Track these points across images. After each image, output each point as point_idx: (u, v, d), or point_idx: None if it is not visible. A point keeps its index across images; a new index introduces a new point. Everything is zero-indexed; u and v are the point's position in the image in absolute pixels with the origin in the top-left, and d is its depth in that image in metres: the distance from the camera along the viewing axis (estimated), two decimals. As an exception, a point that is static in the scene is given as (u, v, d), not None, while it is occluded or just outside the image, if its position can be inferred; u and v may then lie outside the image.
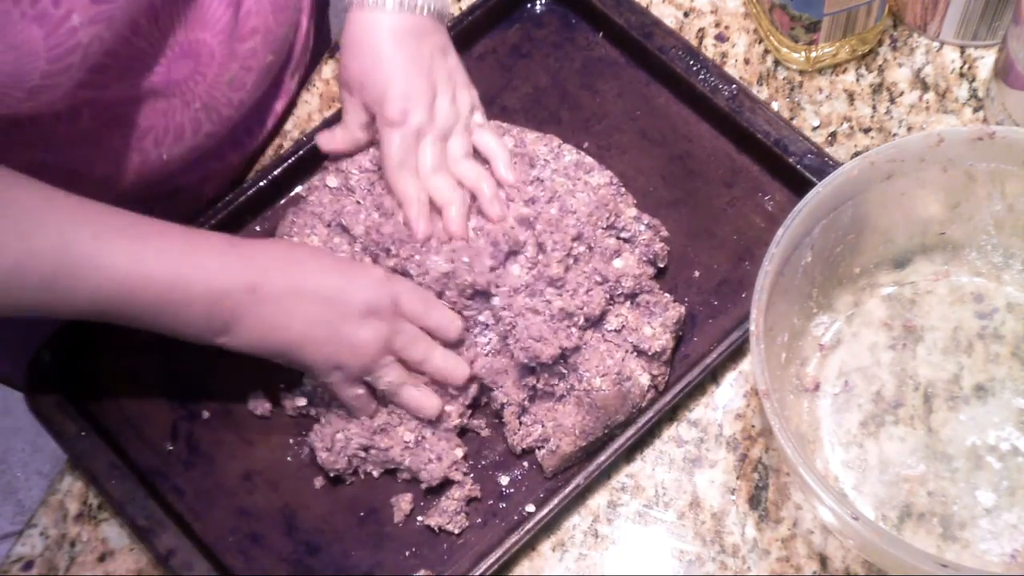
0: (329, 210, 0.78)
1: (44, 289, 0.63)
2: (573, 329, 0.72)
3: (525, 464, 0.75)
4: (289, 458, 0.77)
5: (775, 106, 0.84)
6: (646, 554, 0.72)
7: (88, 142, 0.75)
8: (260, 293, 0.68)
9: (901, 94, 0.83)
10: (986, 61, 0.83)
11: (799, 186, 0.78)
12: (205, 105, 0.79)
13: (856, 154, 0.81)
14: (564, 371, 0.72)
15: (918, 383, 0.73)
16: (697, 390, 0.75)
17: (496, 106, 0.85)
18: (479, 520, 0.73)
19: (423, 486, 0.74)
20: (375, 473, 0.75)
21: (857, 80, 0.84)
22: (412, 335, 0.72)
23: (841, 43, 0.82)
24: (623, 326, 0.73)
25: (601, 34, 0.87)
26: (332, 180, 0.80)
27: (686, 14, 0.89)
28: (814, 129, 0.83)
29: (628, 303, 0.75)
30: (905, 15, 0.84)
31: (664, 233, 0.77)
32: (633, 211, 0.77)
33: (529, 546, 0.72)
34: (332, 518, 0.75)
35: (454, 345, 0.74)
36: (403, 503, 0.74)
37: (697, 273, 0.78)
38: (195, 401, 0.78)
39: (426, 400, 0.73)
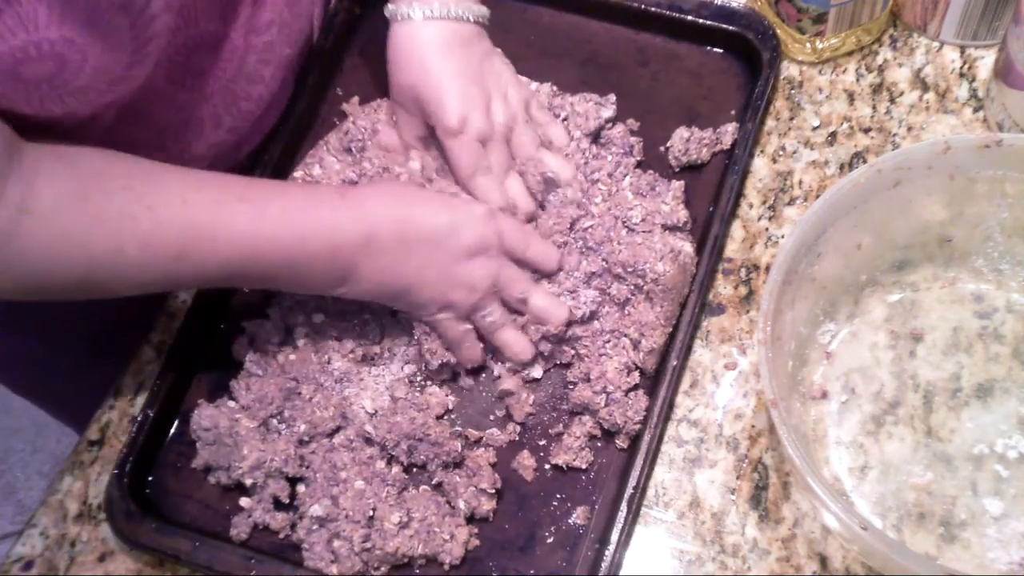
0: None
1: (175, 260, 0.65)
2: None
3: None
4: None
5: (774, 106, 0.84)
6: (646, 554, 0.72)
7: (109, 143, 0.73)
8: (374, 244, 0.70)
9: (901, 94, 0.83)
10: (986, 61, 0.83)
11: (708, 39, 0.85)
12: (224, 100, 0.78)
13: (856, 154, 0.81)
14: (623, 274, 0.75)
15: (918, 383, 0.73)
16: (720, 252, 0.79)
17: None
18: (599, 445, 0.74)
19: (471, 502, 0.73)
20: (384, 569, 0.72)
21: (857, 80, 0.84)
22: (515, 273, 0.75)
23: (847, 34, 0.83)
24: (646, 213, 0.76)
25: None
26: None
27: (686, 14, 0.89)
28: (814, 129, 0.83)
29: (636, 196, 0.78)
30: (905, 15, 0.84)
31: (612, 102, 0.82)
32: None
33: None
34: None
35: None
36: (525, 461, 0.74)
37: (662, 148, 0.82)
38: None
39: (522, 342, 0.75)
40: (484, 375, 0.78)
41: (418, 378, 0.78)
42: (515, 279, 0.75)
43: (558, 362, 0.77)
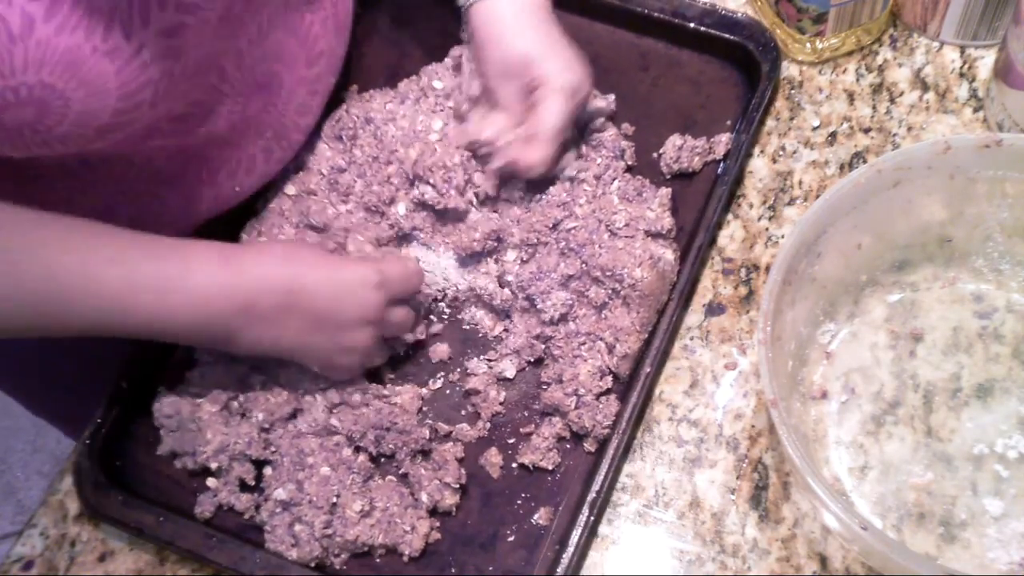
0: (295, 212, 0.80)
1: (37, 317, 0.65)
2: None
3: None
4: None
5: (775, 106, 0.84)
6: (646, 554, 0.72)
7: (162, 183, 0.75)
8: (253, 313, 0.69)
9: (901, 94, 0.83)
10: (986, 61, 0.83)
11: (709, 47, 0.85)
12: (276, 133, 0.79)
13: (856, 154, 0.81)
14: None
15: (918, 383, 0.73)
16: (703, 262, 0.79)
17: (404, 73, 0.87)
18: (568, 447, 0.75)
19: (440, 507, 0.74)
20: (343, 556, 0.73)
21: (857, 80, 0.84)
22: (397, 321, 0.75)
23: (847, 34, 0.83)
24: (629, 219, 0.76)
25: None
26: (290, 188, 0.82)
27: (686, 14, 0.89)
28: (814, 129, 0.83)
29: (621, 201, 0.78)
30: (905, 15, 0.84)
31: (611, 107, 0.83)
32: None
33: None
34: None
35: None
36: (492, 458, 0.75)
37: (655, 154, 0.83)
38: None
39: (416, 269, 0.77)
40: (458, 371, 0.78)
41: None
42: (401, 325, 0.76)
43: (531, 360, 0.77)
